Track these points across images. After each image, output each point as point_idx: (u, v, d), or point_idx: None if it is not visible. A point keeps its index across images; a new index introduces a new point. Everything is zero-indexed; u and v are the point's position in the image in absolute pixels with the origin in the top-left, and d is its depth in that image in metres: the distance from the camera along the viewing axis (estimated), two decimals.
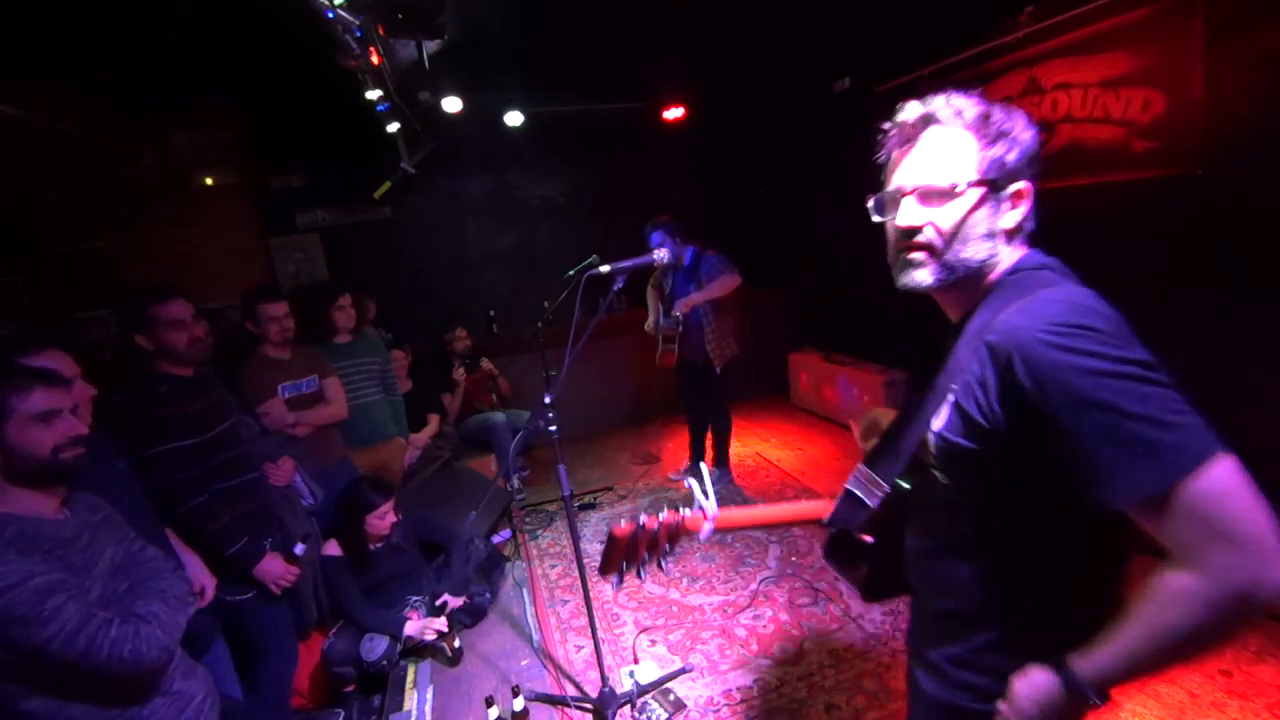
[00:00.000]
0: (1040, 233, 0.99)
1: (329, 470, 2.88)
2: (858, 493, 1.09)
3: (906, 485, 1.08)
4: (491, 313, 5.41)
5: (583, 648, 2.77)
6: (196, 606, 1.66)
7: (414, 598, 2.84)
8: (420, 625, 2.62)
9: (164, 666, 1.43)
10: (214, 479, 2.05)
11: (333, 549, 2.73)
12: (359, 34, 2.42)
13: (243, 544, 2.04)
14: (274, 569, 2.11)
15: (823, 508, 1.21)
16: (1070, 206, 3.47)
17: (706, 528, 1.30)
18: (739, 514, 1.36)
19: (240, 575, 2.08)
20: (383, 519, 2.76)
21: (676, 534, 1.33)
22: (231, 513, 2.06)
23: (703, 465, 1.31)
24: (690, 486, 1.34)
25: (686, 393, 4.27)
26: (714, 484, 1.32)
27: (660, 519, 1.33)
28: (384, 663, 2.55)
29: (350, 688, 2.59)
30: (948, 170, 0.93)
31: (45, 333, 2.76)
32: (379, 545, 2.83)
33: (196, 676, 1.57)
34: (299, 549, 2.23)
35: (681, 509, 1.34)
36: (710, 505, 1.31)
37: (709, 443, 4.31)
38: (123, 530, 1.53)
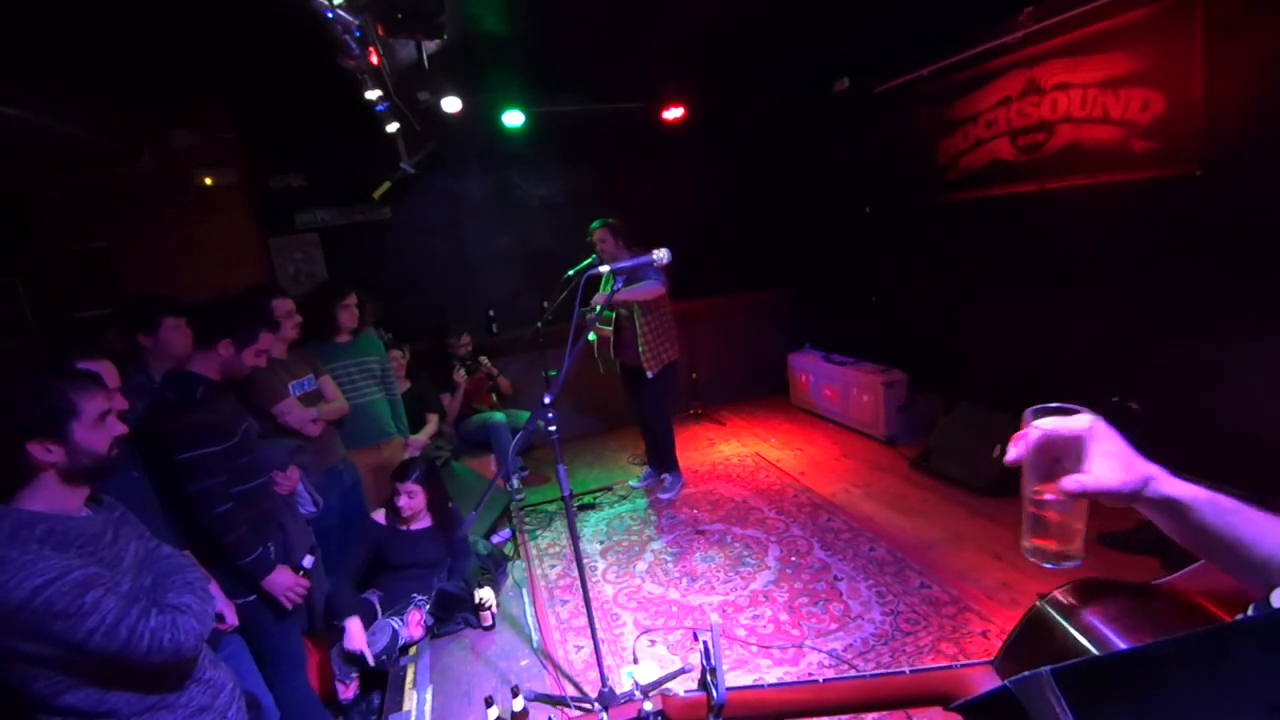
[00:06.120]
0: (1040, 232, 0.99)
1: (333, 471, 2.89)
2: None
3: None
4: (491, 313, 5.41)
5: (582, 648, 2.77)
6: (215, 627, 1.68)
7: (419, 596, 2.88)
8: (359, 639, 2.52)
9: (198, 655, 1.47)
10: (233, 483, 2.05)
11: (379, 517, 2.92)
12: (358, 34, 2.42)
13: (256, 555, 2.04)
14: (283, 581, 2.10)
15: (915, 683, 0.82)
16: (1070, 206, 3.48)
17: None
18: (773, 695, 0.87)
19: (247, 583, 2.06)
20: (399, 497, 2.86)
21: None
22: (247, 520, 2.05)
23: (706, 639, 0.88)
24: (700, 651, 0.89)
25: (629, 397, 4.27)
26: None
27: None
28: (384, 657, 2.55)
29: (349, 692, 2.59)
30: None
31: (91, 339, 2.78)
32: (414, 528, 2.93)
33: (221, 667, 1.61)
34: (307, 561, 2.21)
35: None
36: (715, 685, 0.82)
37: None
38: (139, 528, 1.55)
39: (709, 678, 0.86)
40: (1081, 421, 0.68)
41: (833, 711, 0.94)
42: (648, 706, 0.87)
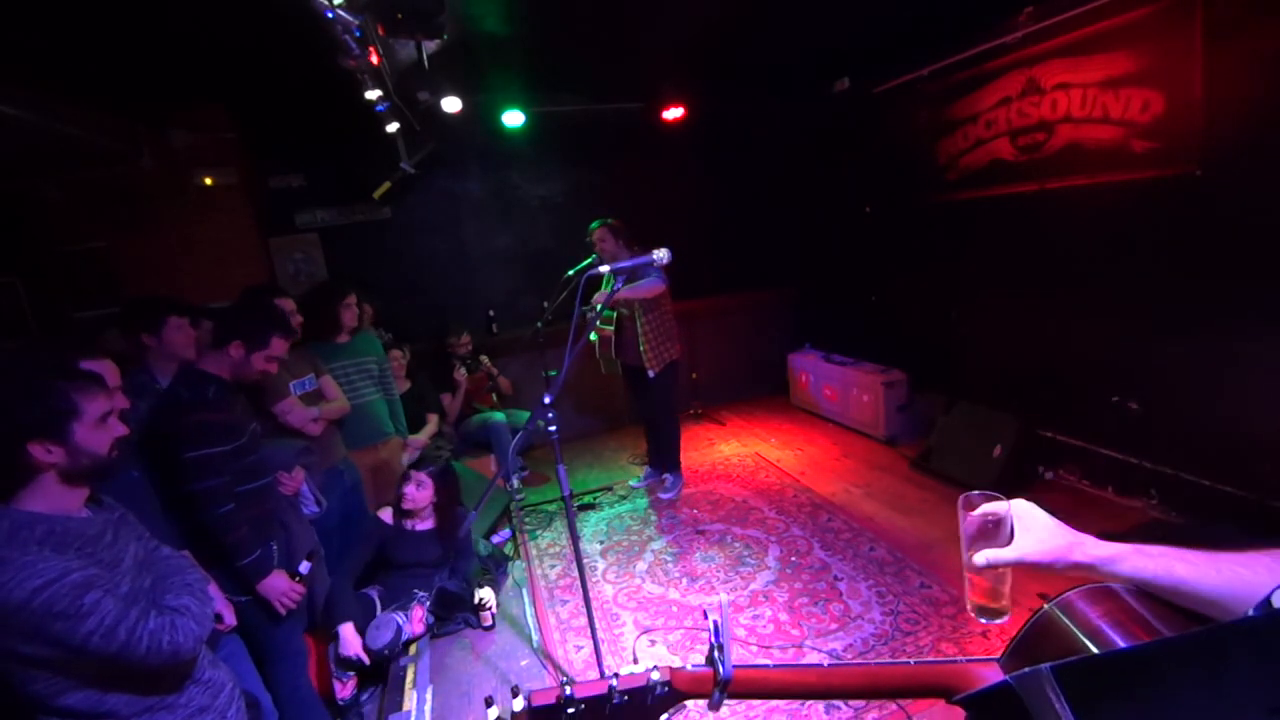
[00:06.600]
0: (1040, 233, 0.98)
1: (334, 471, 2.90)
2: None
3: None
4: (491, 313, 5.42)
5: (582, 648, 2.77)
6: (214, 627, 1.68)
7: (420, 592, 2.88)
8: (354, 645, 2.55)
9: (197, 656, 1.47)
10: (237, 483, 2.05)
11: (385, 515, 2.97)
12: (358, 34, 2.42)
13: (256, 556, 2.04)
14: (278, 586, 2.10)
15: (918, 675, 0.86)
16: (1070, 206, 3.48)
17: (716, 698, 0.88)
18: (778, 676, 0.89)
19: (244, 585, 2.06)
20: (408, 484, 2.93)
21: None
22: (248, 520, 2.05)
23: (715, 618, 0.90)
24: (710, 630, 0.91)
25: (633, 397, 4.27)
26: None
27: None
28: (387, 651, 2.56)
29: (346, 691, 2.59)
30: None
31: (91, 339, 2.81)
32: (419, 528, 2.95)
33: (221, 667, 1.61)
34: (304, 568, 2.21)
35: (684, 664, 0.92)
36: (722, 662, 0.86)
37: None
38: (139, 528, 1.55)
39: (716, 653, 0.88)
40: (1002, 505, 0.81)
41: (835, 695, 0.96)
42: (655, 676, 0.88)
